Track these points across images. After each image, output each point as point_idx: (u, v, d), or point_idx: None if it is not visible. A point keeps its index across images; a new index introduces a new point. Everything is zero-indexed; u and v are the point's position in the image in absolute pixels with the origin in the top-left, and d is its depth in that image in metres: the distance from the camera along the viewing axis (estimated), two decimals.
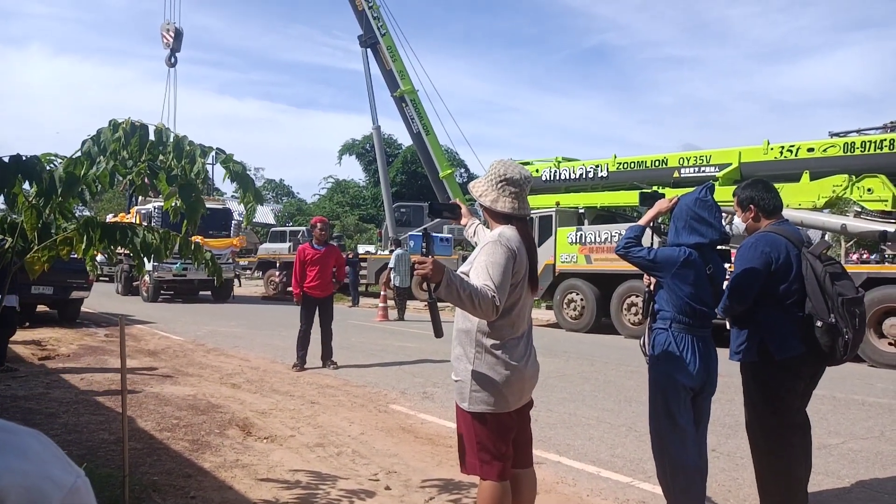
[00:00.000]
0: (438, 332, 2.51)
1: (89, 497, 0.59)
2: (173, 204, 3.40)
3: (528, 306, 2.68)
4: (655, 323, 3.27)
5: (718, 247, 3.37)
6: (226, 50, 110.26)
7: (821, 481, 4.07)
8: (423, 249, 2.39)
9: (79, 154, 3.09)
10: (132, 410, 5.51)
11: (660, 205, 3.41)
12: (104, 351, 9.10)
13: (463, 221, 3.25)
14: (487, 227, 2.86)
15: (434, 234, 2.90)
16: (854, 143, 10.51)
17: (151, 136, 3.12)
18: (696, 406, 3.22)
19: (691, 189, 3.43)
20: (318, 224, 8.60)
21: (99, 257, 3.99)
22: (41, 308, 12.72)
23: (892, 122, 11.58)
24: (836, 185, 10.21)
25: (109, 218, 18.74)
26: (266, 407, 5.95)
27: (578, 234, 12.84)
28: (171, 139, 3.15)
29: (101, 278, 25.36)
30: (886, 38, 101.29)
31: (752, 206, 3.57)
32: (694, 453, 3.16)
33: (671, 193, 12.35)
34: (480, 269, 2.42)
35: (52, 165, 3.07)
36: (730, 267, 3.48)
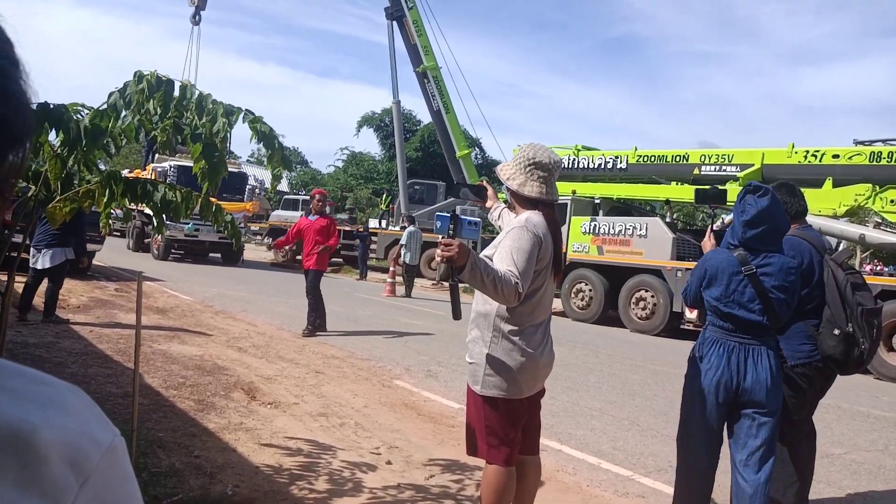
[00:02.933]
0: (457, 314, 2.49)
1: (125, 457, 0.58)
2: (202, 167, 3.38)
3: (550, 294, 2.65)
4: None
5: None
6: (249, 12, 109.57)
7: (822, 490, 4.06)
8: (450, 231, 2.36)
9: (105, 106, 3.07)
10: (140, 366, 5.55)
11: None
12: (114, 305, 9.17)
13: (488, 204, 3.22)
14: (512, 211, 2.83)
15: (462, 217, 2.84)
16: (881, 152, 10.34)
17: (176, 92, 3.10)
18: (736, 421, 2.94)
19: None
20: (316, 195, 8.88)
21: (114, 212, 3.99)
22: None
23: None
24: (859, 194, 10.07)
25: (125, 174, 18.71)
26: (271, 373, 5.99)
27: (592, 224, 12.76)
28: (195, 96, 3.12)
29: (113, 233, 25.50)
30: None
31: None
32: (704, 463, 2.97)
33: (689, 191, 12.20)
34: (505, 255, 2.39)
35: (78, 116, 3.06)
36: None
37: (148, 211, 3.49)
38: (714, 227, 3.50)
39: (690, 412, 3.03)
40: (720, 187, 3.66)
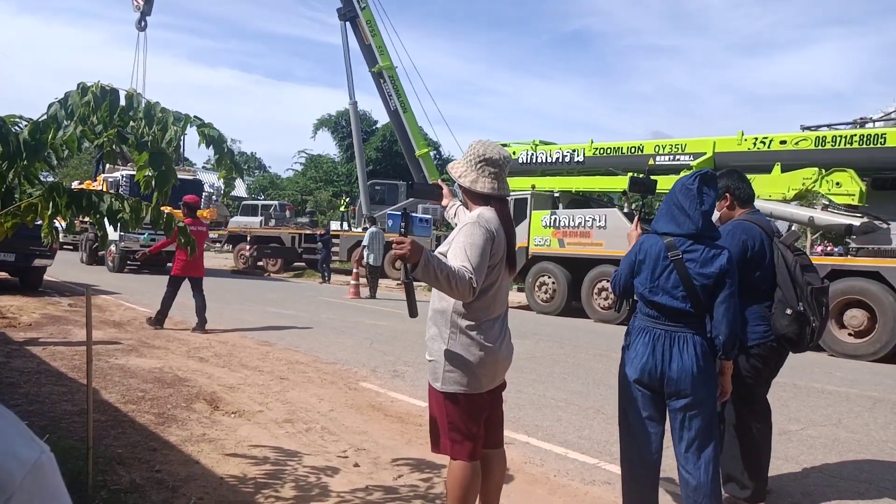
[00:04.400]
0: (413, 312, 2.49)
1: (54, 474, 0.56)
2: (146, 174, 3.31)
3: (505, 288, 2.67)
4: None
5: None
6: (199, 16, 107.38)
7: (780, 466, 4.18)
8: (402, 229, 2.36)
9: (45, 117, 2.98)
10: (96, 382, 5.41)
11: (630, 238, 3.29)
12: (67, 321, 8.90)
13: (444, 202, 3.22)
14: (467, 208, 2.84)
15: (413, 215, 2.85)
16: (825, 137, 10.69)
17: (122, 102, 3.02)
18: (671, 413, 2.91)
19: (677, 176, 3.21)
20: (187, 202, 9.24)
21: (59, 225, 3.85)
22: (1, 275, 12.39)
23: (862, 119, 11.78)
24: (806, 178, 10.39)
25: (75, 185, 18.24)
26: (234, 381, 5.89)
27: (553, 217, 12.90)
28: (143, 105, 3.05)
29: (65, 247, 24.77)
30: (860, 36, 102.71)
31: (727, 194, 3.62)
32: (643, 451, 2.93)
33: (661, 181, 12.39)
34: (458, 251, 2.40)
35: (16, 128, 2.96)
36: None
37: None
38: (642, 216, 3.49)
39: (624, 402, 3.00)
40: (652, 177, 3.62)
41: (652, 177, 3.83)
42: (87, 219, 3.48)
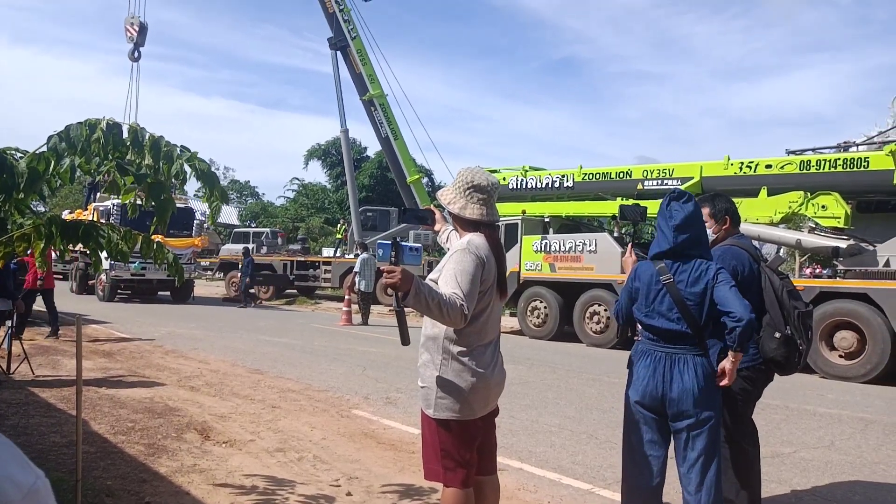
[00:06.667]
0: (405, 340, 2.51)
1: (49, 499, 0.58)
2: (132, 200, 3.34)
3: (497, 313, 2.70)
4: None
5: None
6: (193, 47, 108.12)
7: (773, 489, 4.18)
8: (392, 258, 2.39)
9: (44, 149, 3.00)
10: (86, 413, 5.36)
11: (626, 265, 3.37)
12: (57, 351, 8.83)
13: (437, 227, 3.26)
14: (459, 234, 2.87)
15: (403, 243, 2.90)
16: (810, 161, 10.87)
17: (125, 134, 3.05)
18: (674, 435, 2.94)
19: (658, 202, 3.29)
20: None
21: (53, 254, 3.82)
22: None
23: (845, 142, 11.98)
24: (793, 202, 10.53)
25: (66, 214, 18.23)
26: (225, 411, 5.85)
27: (543, 242, 12.96)
28: (147, 138, 3.08)
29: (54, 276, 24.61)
30: (841, 62, 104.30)
31: (727, 217, 3.66)
32: (645, 475, 2.96)
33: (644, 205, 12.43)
34: (449, 278, 2.43)
35: (13, 160, 2.98)
36: None
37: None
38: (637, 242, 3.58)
39: (627, 426, 3.06)
40: (641, 203, 3.70)
41: (641, 203, 3.87)
42: (78, 248, 3.49)
